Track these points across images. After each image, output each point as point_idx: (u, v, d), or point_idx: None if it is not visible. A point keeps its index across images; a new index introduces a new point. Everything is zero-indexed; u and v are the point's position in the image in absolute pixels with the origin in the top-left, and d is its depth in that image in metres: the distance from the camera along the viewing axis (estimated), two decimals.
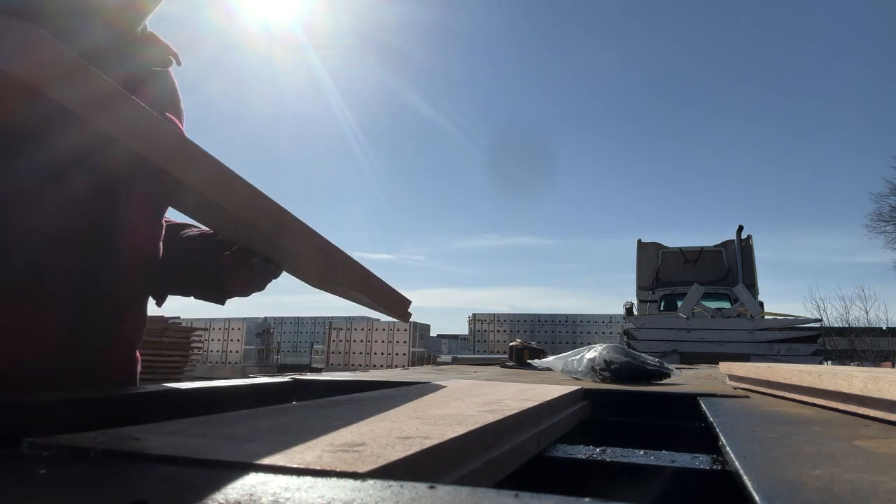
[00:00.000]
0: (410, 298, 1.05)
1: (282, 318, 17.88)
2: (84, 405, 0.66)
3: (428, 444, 0.37)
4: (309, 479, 0.28)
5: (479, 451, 0.46)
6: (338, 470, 0.30)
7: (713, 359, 3.60)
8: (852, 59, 35.87)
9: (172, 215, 1.02)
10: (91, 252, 0.79)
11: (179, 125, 0.95)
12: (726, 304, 7.74)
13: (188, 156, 0.58)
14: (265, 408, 0.53)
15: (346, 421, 0.46)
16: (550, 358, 1.46)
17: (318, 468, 0.30)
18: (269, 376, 1.18)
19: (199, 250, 0.98)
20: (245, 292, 0.95)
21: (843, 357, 16.01)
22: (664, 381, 1.25)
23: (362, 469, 0.30)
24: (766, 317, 6.41)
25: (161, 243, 0.96)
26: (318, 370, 11.52)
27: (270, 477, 0.28)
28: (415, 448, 0.36)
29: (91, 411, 0.66)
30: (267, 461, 0.31)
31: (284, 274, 1.05)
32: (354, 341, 13.44)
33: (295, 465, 0.30)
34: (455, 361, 7.19)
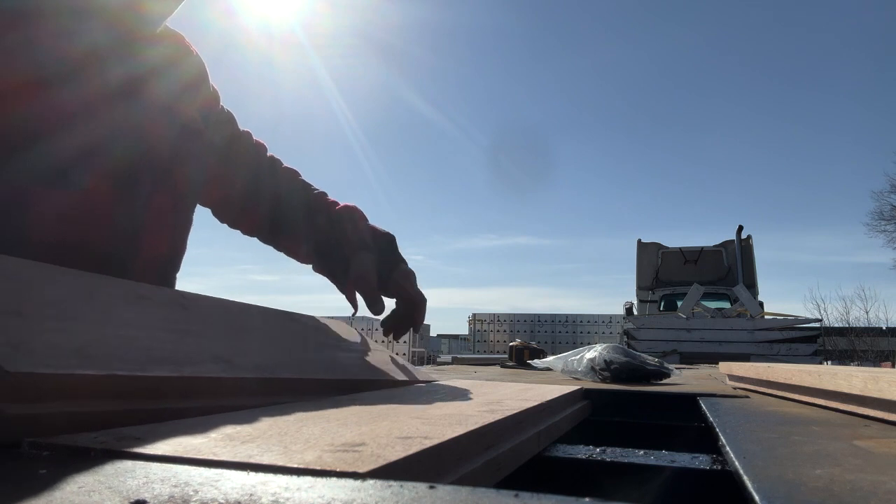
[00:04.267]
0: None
1: None
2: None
3: (428, 443, 0.37)
4: (309, 479, 0.28)
5: (480, 451, 0.46)
6: (338, 470, 0.30)
7: (713, 359, 3.60)
8: (852, 55, 35.85)
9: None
10: (100, 257, 0.78)
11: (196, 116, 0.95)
12: (726, 304, 7.74)
13: None
14: (265, 407, 0.53)
15: (346, 421, 0.46)
16: (550, 358, 1.46)
17: (318, 468, 0.30)
18: None
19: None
20: None
21: (843, 357, 16.00)
22: (664, 381, 1.25)
23: (362, 469, 0.30)
24: (766, 317, 6.40)
25: (184, 244, 0.96)
26: None
27: (270, 477, 0.28)
28: (415, 448, 0.36)
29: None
30: (267, 461, 0.31)
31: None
32: None
33: (295, 465, 0.30)
34: (455, 361, 7.19)
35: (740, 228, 8.46)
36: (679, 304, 7.49)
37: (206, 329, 0.64)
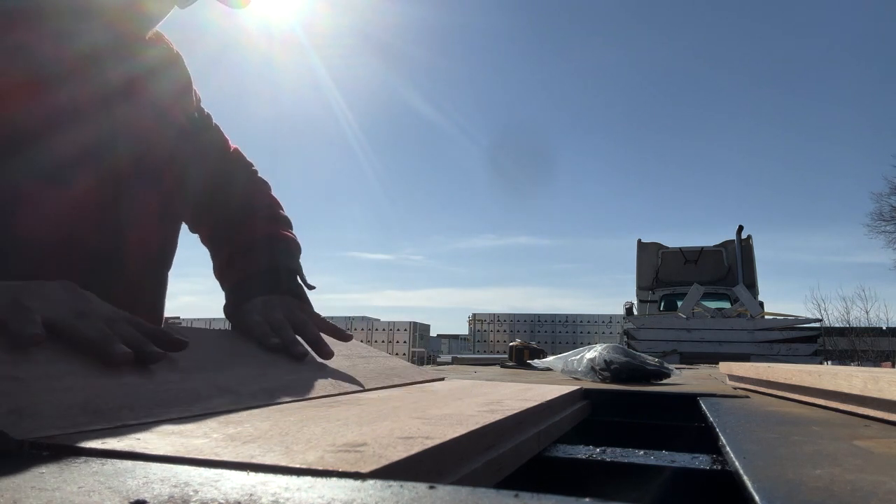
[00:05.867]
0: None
1: None
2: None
3: (429, 444, 0.37)
4: (309, 479, 0.28)
5: (480, 451, 0.46)
6: (340, 470, 0.30)
7: (713, 359, 3.60)
8: (852, 56, 35.89)
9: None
10: (94, 255, 0.78)
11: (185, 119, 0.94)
12: (726, 304, 7.74)
13: None
14: (266, 408, 0.53)
15: (347, 421, 0.46)
16: (550, 358, 1.46)
17: (320, 468, 0.30)
18: None
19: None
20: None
21: (843, 357, 15.99)
22: (664, 381, 1.25)
23: (364, 469, 0.30)
24: (766, 317, 6.40)
25: (176, 241, 0.96)
26: None
27: (271, 477, 0.28)
28: (416, 448, 0.36)
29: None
30: (267, 461, 0.31)
31: None
32: None
33: (296, 465, 0.30)
34: (455, 361, 7.19)
35: (740, 228, 8.46)
36: (679, 304, 7.49)
37: (207, 361, 0.64)
